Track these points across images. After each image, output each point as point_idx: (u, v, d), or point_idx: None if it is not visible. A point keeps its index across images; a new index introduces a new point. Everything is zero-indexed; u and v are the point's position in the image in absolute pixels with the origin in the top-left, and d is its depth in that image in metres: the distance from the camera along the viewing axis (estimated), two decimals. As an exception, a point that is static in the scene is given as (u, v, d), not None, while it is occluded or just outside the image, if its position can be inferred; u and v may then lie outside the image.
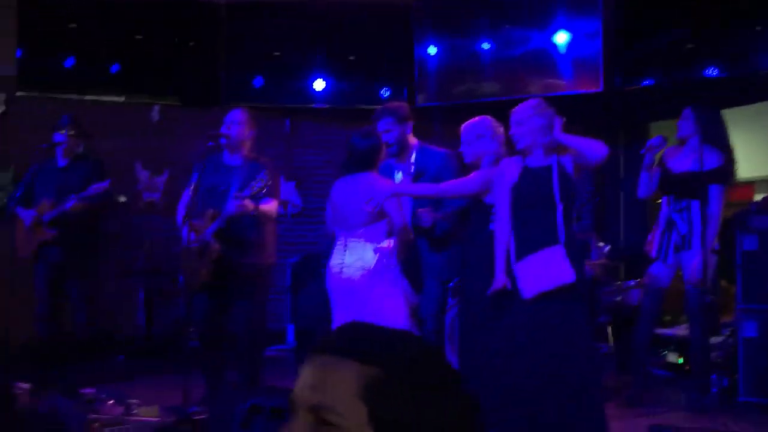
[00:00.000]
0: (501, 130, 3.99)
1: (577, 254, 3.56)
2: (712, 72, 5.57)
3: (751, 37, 5.39)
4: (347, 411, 0.95)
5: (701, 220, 4.22)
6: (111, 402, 3.82)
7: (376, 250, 3.79)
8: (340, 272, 3.85)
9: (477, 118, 4.04)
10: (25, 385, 4.10)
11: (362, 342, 1.01)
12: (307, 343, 6.44)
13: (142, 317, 6.21)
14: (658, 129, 4.96)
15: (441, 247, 4.14)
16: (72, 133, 4.89)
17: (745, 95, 6.24)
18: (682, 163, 4.34)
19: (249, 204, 4.02)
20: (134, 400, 4.05)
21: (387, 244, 3.82)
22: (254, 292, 4.26)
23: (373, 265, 3.77)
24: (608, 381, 4.67)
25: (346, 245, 3.87)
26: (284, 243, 7.03)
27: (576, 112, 3.97)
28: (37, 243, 4.79)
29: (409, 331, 1.10)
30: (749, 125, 7.01)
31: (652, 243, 4.44)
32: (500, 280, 3.53)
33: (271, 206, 4.24)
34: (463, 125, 4.05)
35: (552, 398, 3.36)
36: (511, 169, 3.65)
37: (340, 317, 3.90)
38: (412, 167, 4.18)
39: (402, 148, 4.18)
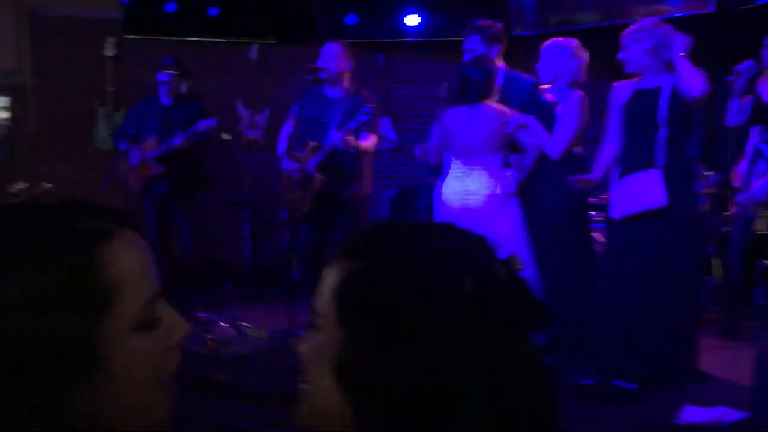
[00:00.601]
0: (585, 54, 3.89)
1: (682, 180, 3.45)
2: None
3: None
4: (325, 312, 0.83)
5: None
6: (224, 325, 4.09)
7: (500, 178, 3.82)
8: (462, 199, 3.86)
9: (560, 39, 3.93)
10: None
11: (369, 237, 0.84)
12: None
13: (248, 248, 6.51)
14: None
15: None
16: (175, 72, 5.09)
17: None
18: None
19: (351, 139, 4.11)
20: (245, 324, 4.32)
21: (509, 173, 3.85)
22: (353, 222, 4.39)
23: (499, 193, 3.81)
24: (714, 314, 4.57)
25: (467, 173, 3.86)
26: (380, 177, 7.12)
27: (686, 36, 3.78)
28: (144, 178, 5.05)
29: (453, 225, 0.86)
30: None
31: (738, 173, 4.26)
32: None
33: (370, 142, 4.33)
34: (543, 43, 3.95)
35: (641, 322, 3.35)
36: (621, 91, 3.62)
37: None
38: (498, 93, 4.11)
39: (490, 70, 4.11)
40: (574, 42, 3.93)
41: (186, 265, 5.17)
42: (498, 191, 3.81)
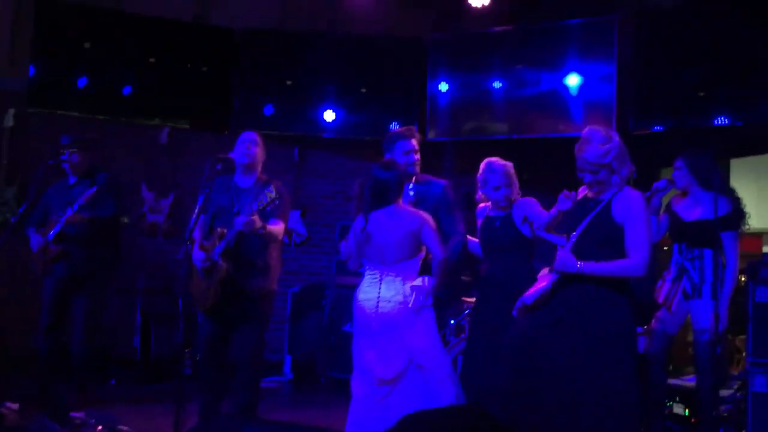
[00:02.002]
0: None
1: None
2: (722, 120, 5.57)
3: (763, 87, 5.38)
4: None
5: (712, 269, 4.15)
6: (99, 428, 3.73)
7: (412, 288, 3.76)
8: (376, 306, 3.78)
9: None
10: (14, 405, 4.02)
11: None
12: (304, 375, 6.33)
13: (138, 339, 6.11)
14: (669, 174, 4.92)
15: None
16: (75, 150, 4.87)
17: (754, 145, 6.22)
18: (692, 211, 4.29)
19: (257, 220, 3.96)
20: (124, 427, 3.96)
21: (423, 281, 3.78)
22: (258, 318, 4.18)
23: (412, 301, 3.73)
24: None
25: (381, 279, 3.82)
26: (286, 272, 6.96)
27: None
28: (46, 260, 4.75)
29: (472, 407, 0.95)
30: (757, 175, 6.98)
31: (661, 289, 4.36)
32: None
33: (278, 227, 4.18)
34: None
35: None
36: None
37: (368, 352, 3.83)
38: (412, 194, 4.13)
39: (413, 174, 4.16)
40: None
41: (73, 353, 4.81)
42: (412, 300, 3.74)
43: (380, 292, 3.79)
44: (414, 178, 4.15)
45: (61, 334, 4.88)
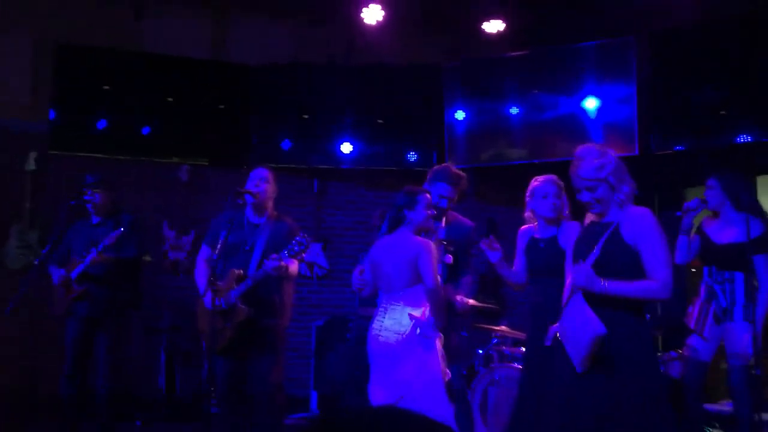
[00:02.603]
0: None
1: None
2: (745, 138, 5.48)
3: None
4: None
5: (744, 292, 4.04)
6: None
7: (410, 317, 3.66)
8: (378, 336, 3.72)
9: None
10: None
11: None
12: (331, 410, 6.23)
13: (163, 378, 6.07)
14: (693, 194, 4.83)
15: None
16: (98, 189, 4.89)
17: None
18: (723, 233, 4.19)
19: (286, 266, 3.95)
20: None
21: (421, 312, 3.68)
22: (275, 353, 4.15)
23: (408, 332, 3.63)
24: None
25: (387, 308, 3.76)
26: (309, 305, 6.92)
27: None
28: (68, 300, 4.73)
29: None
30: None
31: (692, 314, 4.25)
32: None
33: (295, 267, 4.18)
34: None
35: None
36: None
37: (374, 382, 3.76)
38: (442, 235, 4.12)
39: (444, 215, 4.17)
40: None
41: (98, 394, 4.76)
42: (408, 330, 3.62)
43: (384, 320, 3.72)
44: (444, 219, 4.15)
45: (85, 376, 4.84)
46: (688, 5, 6.11)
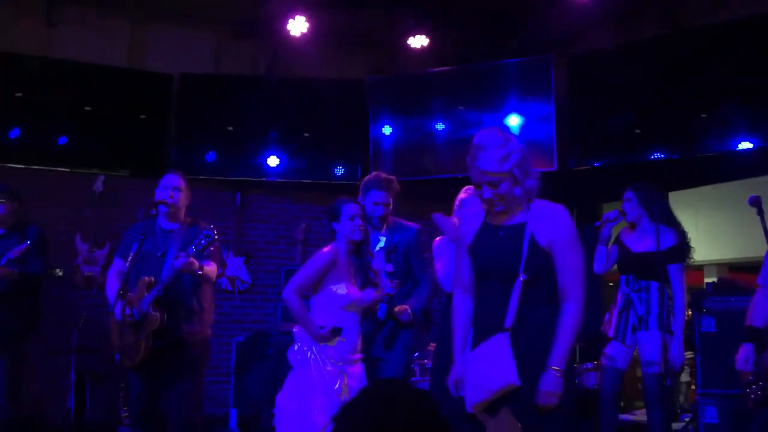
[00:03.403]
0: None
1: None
2: (659, 155, 5.70)
3: (697, 123, 5.53)
4: None
5: (658, 301, 4.15)
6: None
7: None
8: None
9: None
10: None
11: None
12: (250, 429, 6.07)
13: (72, 400, 5.76)
14: (609, 208, 4.97)
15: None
16: (2, 200, 4.64)
17: (691, 178, 6.37)
18: (640, 243, 4.31)
19: (195, 262, 3.80)
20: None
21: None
22: (193, 367, 3.96)
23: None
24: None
25: None
26: (230, 320, 6.75)
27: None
28: None
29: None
30: (696, 209, 7.13)
31: (610, 323, 4.34)
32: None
33: (212, 268, 4.03)
34: None
35: None
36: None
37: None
38: (383, 245, 4.09)
39: (384, 222, 4.13)
40: None
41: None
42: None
43: None
44: (385, 225, 4.12)
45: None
46: (605, 28, 6.34)
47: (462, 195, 4.05)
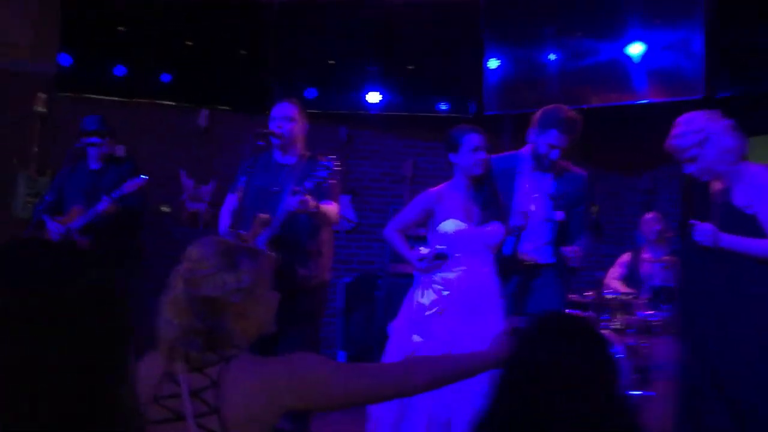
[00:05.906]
0: None
1: None
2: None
3: None
4: None
5: None
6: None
7: None
8: None
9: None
10: None
11: None
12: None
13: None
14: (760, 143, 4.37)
15: None
16: (106, 134, 4.49)
17: None
18: None
19: (311, 200, 3.50)
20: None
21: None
22: (312, 313, 3.69)
23: None
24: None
25: None
26: (336, 261, 6.52)
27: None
28: None
29: None
30: None
31: None
32: None
33: (332, 208, 3.71)
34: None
35: None
36: None
37: None
38: (553, 189, 3.67)
39: (555, 165, 3.69)
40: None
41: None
42: None
43: None
44: (554, 171, 3.66)
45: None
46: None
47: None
